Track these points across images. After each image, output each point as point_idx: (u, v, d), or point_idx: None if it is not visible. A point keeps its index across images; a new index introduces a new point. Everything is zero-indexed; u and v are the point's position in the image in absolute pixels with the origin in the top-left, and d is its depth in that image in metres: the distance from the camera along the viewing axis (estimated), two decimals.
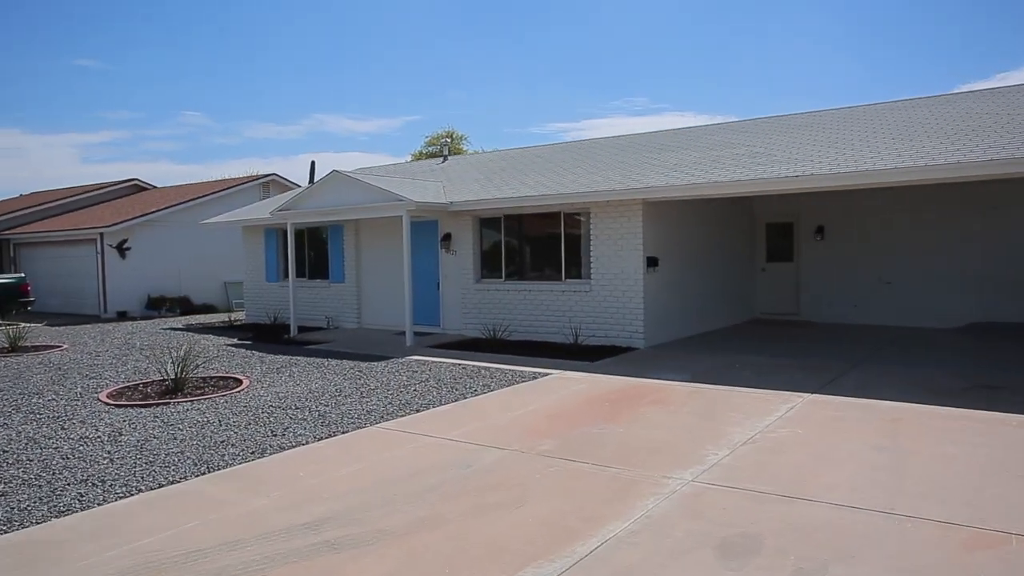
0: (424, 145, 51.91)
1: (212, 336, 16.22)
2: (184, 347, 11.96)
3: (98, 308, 21.93)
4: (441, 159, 20.59)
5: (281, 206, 15.81)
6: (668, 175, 12.45)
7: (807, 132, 14.11)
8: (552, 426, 7.43)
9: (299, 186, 23.79)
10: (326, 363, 11.80)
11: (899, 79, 66.05)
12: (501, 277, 14.59)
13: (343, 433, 7.38)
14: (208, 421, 7.97)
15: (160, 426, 7.79)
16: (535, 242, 14.30)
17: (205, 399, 9.13)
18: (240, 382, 10.21)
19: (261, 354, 13.01)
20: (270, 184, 25.84)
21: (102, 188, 28.87)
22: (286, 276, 18.80)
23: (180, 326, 18.78)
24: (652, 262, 12.85)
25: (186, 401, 9.02)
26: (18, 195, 34.57)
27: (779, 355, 11.59)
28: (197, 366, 10.79)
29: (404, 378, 10.29)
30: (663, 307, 13.28)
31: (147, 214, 22.20)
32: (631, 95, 75.26)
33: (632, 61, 77.46)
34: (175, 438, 7.28)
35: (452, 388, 9.50)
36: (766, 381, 9.37)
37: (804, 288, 16.64)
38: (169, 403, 8.92)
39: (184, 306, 22.50)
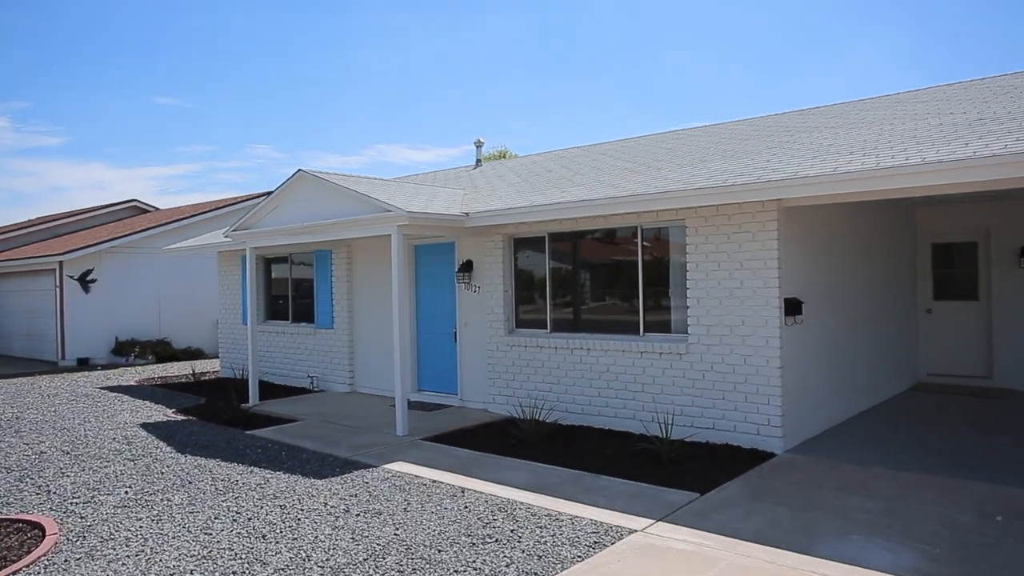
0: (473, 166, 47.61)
1: (147, 403, 11.71)
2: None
3: (57, 353, 17.85)
4: (473, 164, 15.88)
5: (237, 224, 11.28)
6: (827, 160, 7.32)
7: None
8: None
9: None
10: (246, 479, 7.03)
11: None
12: (545, 327, 9.66)
13: None
14: None
15: None
16: (596, 274, 9.36)
17: None
18: (40, 540, 5.49)
19: (168, 450, 8.34)
20: None
21: (98, 210, 25.19)
22: (268, 317, 14.30)
23: (132, 382, 14.41)
24: (793, 307, 7.72)
25: None
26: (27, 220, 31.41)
27: None
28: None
29: (348, 537, 5.39)
30: (809, 379, 8.11)
31: (115, 238, 18.08)
32: (689, 121, 70.02)
33: (691, 86, 72.28)
34: None
35: None
36: None
37: (1000, 339, 11.14)
38: None
39: (161, 351, 18.22)
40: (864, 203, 9.78)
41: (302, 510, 6.04)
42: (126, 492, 6.68)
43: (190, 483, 6.91)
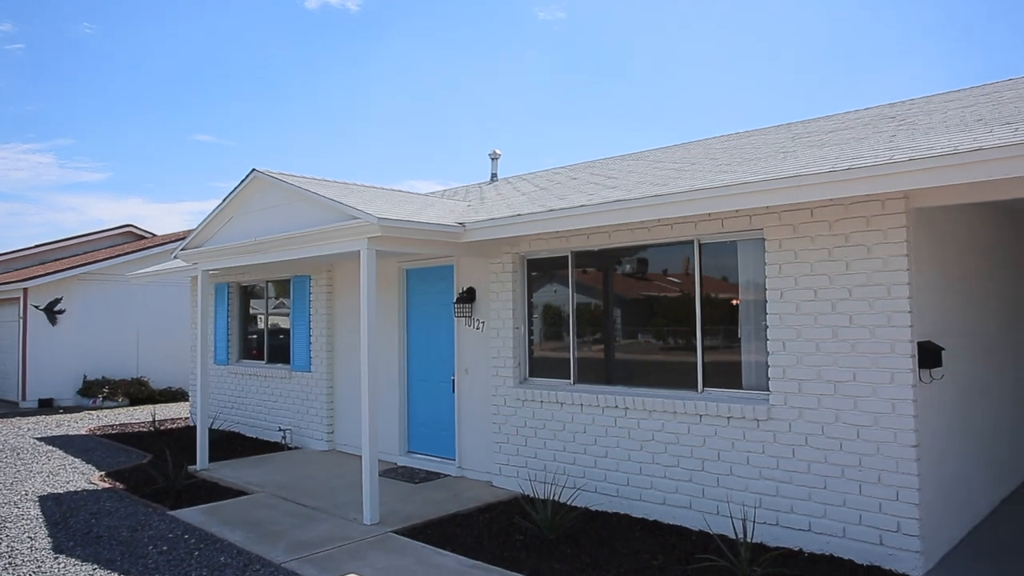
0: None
1: (78, 462, 9.51)
2: None
3: (18, 393, 15.82)
4: (489, 179, 13.67)
5: (187, 241, 9.12)
6: (991, 130, 4.87)
7: None
8: None
9: None
10: None
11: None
12: (568, 377, 7.27)
13: None
14: None
15: None
16: (637, 307, 6.97)
17: None
18: None
19: (43, 545, 6.07)
20: None
21: (90, 236, 23.26)
22: (242, 356, 12.11)
23: (82, 431, 12.26)
24: (930, 356, 5.26)
25: None
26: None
27: None
28: None
29: None
30: (950, 460, 5.62)
31: (88, 264, 16.13)
32: None
33: (715, 115, 70.11)
34: None
35: None
36: None
37: None
38: None
39: (135, 392, 16.08)
40: (993, 210, 7.33)
41: None
42: None
43: None
